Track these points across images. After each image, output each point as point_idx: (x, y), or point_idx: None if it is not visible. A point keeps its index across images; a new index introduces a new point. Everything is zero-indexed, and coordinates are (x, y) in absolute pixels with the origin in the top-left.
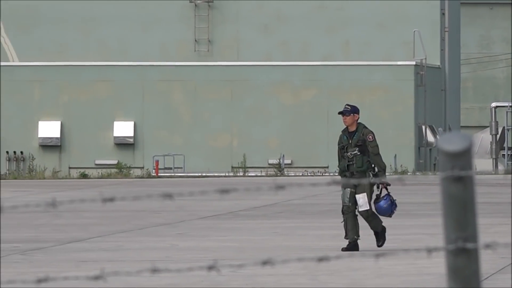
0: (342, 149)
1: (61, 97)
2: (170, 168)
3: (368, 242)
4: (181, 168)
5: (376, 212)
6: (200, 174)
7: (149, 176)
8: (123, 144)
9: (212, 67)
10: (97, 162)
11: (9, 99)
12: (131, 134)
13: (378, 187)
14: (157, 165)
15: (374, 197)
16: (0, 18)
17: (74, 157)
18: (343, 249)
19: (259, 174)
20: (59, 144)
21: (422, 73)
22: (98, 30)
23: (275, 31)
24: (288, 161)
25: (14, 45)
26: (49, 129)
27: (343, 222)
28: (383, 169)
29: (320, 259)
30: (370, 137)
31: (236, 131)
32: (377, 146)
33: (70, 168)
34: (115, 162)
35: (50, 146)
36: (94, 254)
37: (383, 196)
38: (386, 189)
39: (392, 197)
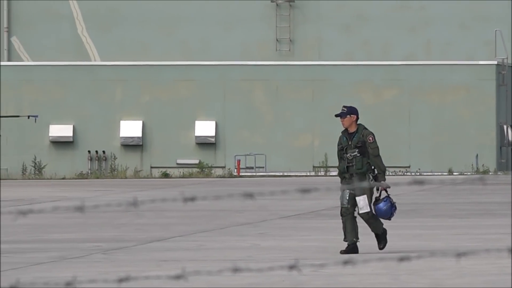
0: (342, 151)
1: (142, 97)
2: (252, 168)
3: (441, 241)
4: (263, 167)
5: (376, 214)
6: (281, 174)
7: (231, 175)
8: (204, 144)
9: (293, 66)
10: (179, 161)
11: (91, 98)
12: (213, 133)
13: (377, 189)
14: (238, 164)
15: (373, 199)
16: (9, 18)
17: (156, 156)
18: (342, 252)
19: None
20: (141, 144)
21: (504, 73)
22: (180, 30)
23: (357, 31)
24: None
25: (96, 44)
26: (130, 128)
27: (343, 226)
28: (382, 171)
29: (401, 259)
30: (370, 138)
31: (318, 131)
32: (377, 147)
33: (151, 167)
34: (196, 161)
35: (131, 145)
36: (175, 253)
37: (383, 198)
38: (386, 191)
39: (392, 199)
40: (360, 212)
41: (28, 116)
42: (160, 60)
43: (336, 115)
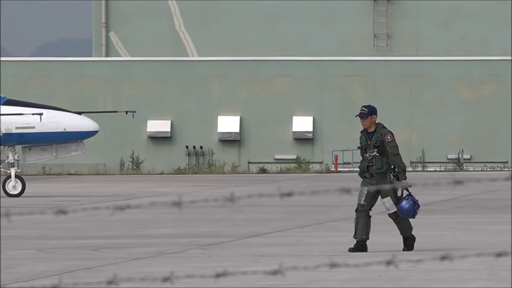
0: (361, 150)
1: (240, 92)
2: (349, 163)
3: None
4: None
5: (399, 213)
6: None
7: (328, 171)
8: (302, 139)
9: (391, 61)
10: (276, 157)
11: (189, 94)
12: (310, 129)
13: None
14: (336, 160)
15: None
16: (107, 14)
17: (253, 151)
18: (350, 250)
19: (438, 169)
20: (238, 139)
21: None
22: (278, 25)
23: (454, 26)
24: (467, 156)
25: (194, 40)
26: (228, 124)
27: (355, 221)
28: (403, 170)
29: (499, 255)
30: (389, 137)
31: (415, 126)
32: (396, 146)
33: (249, 162)
34: (294, 157)
35: (229, 141)
36: (273, 248)
37: (405, 197)
38: (407, 189)
39: (414, 197)
40: (388, 213)
41: (126, 112)
42: (258, 56)
43: (357, 116)
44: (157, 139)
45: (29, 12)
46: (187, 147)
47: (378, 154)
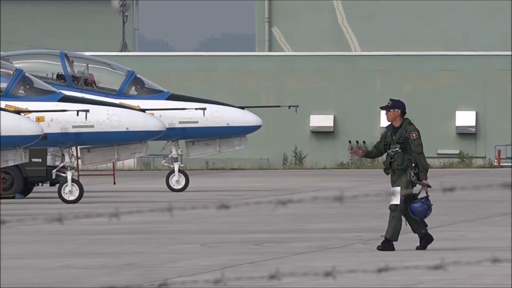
0: (386, 146)
1: (403, 87)
2: None
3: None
4: None
5: (410, 212)
6: None
7: (491, 166)
8: (465, 134)
9: None
10: (439, 151)
11: (352, 88)
12: (473, 123)
13: (415, 185)
14: (499, 155)
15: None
16: (270, 9)
17: None
18: (379, 248)
19: None
20: None
21: None
22: (441, 20)
23: None
24: None
25: (357, 34)
26: None
27: (407, 225)
28: (425, 169)
29: None
30: (414, 134)
31: None
32: (420, 144)
33: None
34: (456, 151)
35: None
36: (435, 243)
37: (421, 198)
38: (426, 191)
39: (430, 201)
40: (391, 202)
41: (289, 106)
42: (420, 50)
43: (381, 108)
44: (320, 133)
45: (192, 8)
46: (349, 141)
47: (400, 150)
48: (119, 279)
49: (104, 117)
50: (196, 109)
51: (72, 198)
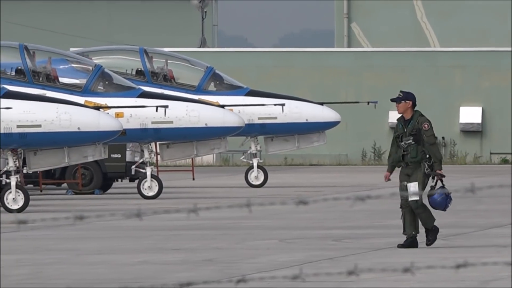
0: (397, 138)
1: (482, 83)
2: None
3: None
4: None
5: (430, 205)
6: None
7: None
8: None
9: None
10: None
11: (431, 84)
12: None
13: (433, 178)
14: None
15: (428, 188)
16: (349, 5)
17: (496, 142)
18: (399, 246)
19: None
20: (480, 130)
21: None
22: None
23: None
24: None
25: (436, 30)
26: (470, 114)
27: (402, 218)
28: (439, 160)
29: None
30: (426, 125)
31: None
32: (433, 135)
33: (491, 153)
34: None
35: (471, 131)
36: None
37: (438, 189)
38: (441, 181)
39: (447, 190)
40: (410, 199)
41: (368, 102)
42: (499, 46)
43: (391, 100)
44: None
45: (272, 4)
46: None
47: (413, 143)
48: (197, 274)
49: (183, 113)
50: (275, 105)
51: (151, 194)
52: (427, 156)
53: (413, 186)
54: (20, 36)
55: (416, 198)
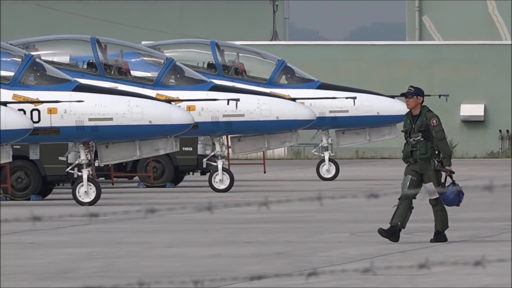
0: (406, 134)
1: None
2: None
3: None
4: None
5: (443, 203)
6: None
7: None
8: None
9: None
10: None
11: (503, 78)
12: None
13: (441, 175)
14: None
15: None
16: None
17: None
18: (380, 231)
19: None
20: None
21: None
22: None
23: None
24: None
25: (507, 24)
26: None
27: (394, 206)
28: (448, 155)
29: None
30: (434, 121)
31: None
32: (442, 130)
33: None
34: None
35: None
36: None
37: (448, 185)
38: (451, 177)
39: (458, 186)
40: (430, 198)
41: (439, 96)
42: None
43: (402, 94)
44: (470, 123)
45: None
46: (500, 131)
47: (422, 139)
48: (268, 268)
49: (254, 106)
50: (346, 98)
51: (222, 187)
52: (436, 152)
53: (429, 186)
54: (92, 30)
55: (436, 196)
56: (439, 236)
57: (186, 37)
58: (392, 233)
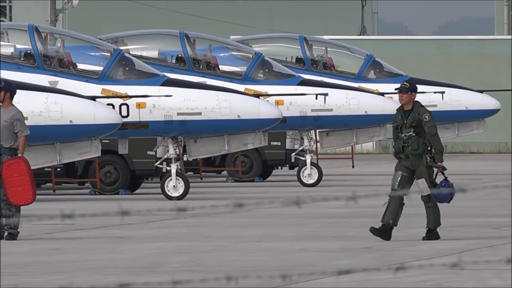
0: (397, 129)
1: None
2: None
3: None
4: None
5: (435, 199)
6: None
7: None
8: None
9: None
10: None
11: None
12: None
13: (433, 171)
14: None
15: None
16: None
17: None
18: (372, 230)
19: None
20: None
21: None
22: None
23: None
24: None
25: None
26: None
27: (385, 204)
28: (440, 151)
29: None
30: (427, 116)
31: None
32: (434, 126)
33: None
34: None
35: None
36: None
37: (441, 182)
38: (443, 173)
39: (450, 182)
40: (422, 195)
41: (435, 92)
42: None
43: (396, 89)
44: None
45: None
46: None
47: (414, 134)
48: (356, 262)
49: (343, 101)
50: (434, 92)
51: (311, 181)
52: (428, 148)
53: (421, 183)
54: (181, 24)
55: (428, 193)
56: (431, 234)
57: (275, 32)
58: (383, 232)
